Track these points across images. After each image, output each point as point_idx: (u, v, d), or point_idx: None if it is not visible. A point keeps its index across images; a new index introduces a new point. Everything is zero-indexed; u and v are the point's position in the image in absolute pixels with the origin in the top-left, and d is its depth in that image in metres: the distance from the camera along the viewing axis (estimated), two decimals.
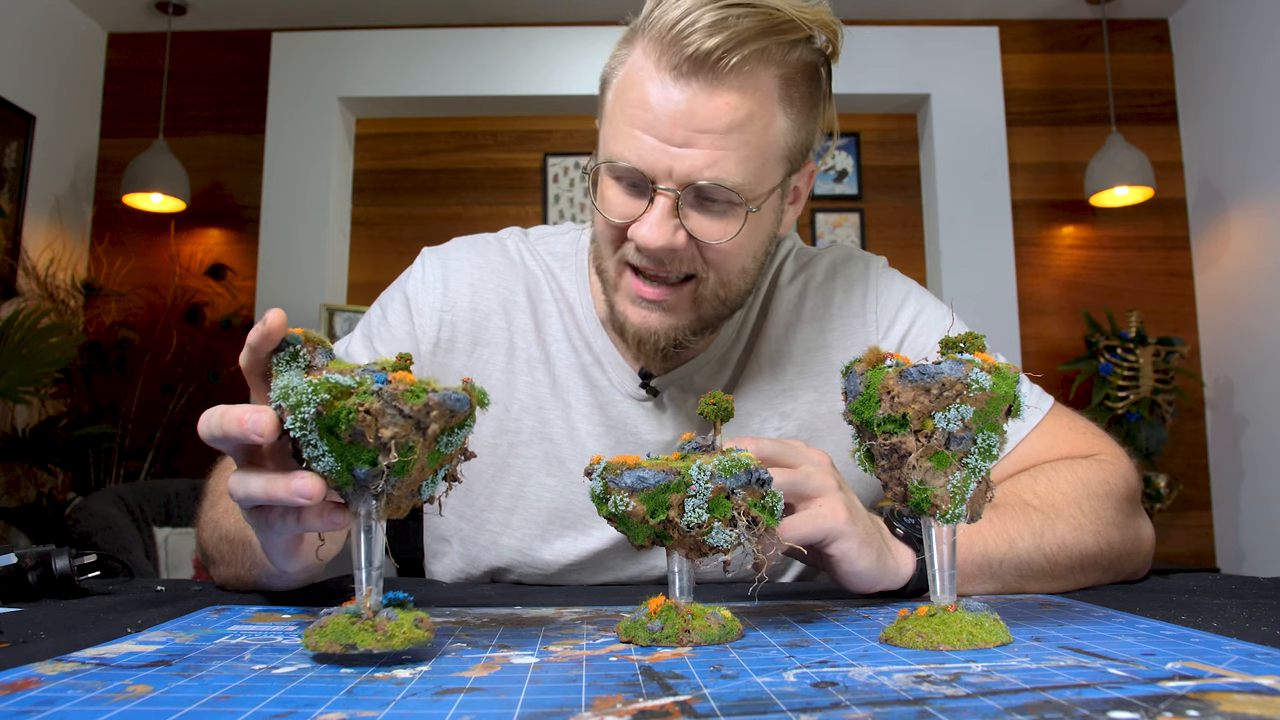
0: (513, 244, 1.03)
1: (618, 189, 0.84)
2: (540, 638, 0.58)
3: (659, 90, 0.79)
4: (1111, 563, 0.86)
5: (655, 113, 0.79)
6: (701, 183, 0.79)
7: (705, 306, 0.88)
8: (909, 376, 0.53)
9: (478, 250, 1.02)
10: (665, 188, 0.80)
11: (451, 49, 3.76)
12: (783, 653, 0.52)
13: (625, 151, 0.81)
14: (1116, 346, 3.46)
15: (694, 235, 0.82)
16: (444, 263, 1.01)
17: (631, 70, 0.82)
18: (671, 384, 0.97)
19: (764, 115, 0.80)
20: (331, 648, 0.49)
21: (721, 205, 0.82)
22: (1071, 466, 0.90)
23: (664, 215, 0.81)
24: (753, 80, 0.79)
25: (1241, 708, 0.36)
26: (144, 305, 3.70)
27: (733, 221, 0.82)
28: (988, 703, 0.39)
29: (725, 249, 0.83)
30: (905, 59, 3.77)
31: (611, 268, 0.89)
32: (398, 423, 0.49)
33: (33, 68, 3.46)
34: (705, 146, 0.79)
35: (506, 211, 3.84)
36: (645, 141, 0.80)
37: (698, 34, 0.76)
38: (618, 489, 0.57)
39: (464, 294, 0.99)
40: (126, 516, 2.30)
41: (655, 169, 0.80)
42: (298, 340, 0.53)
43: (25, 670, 0.47)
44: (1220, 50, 3.57)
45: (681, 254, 0.83)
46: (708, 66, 0.77)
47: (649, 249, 0.82)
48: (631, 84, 0.81)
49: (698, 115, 0.78)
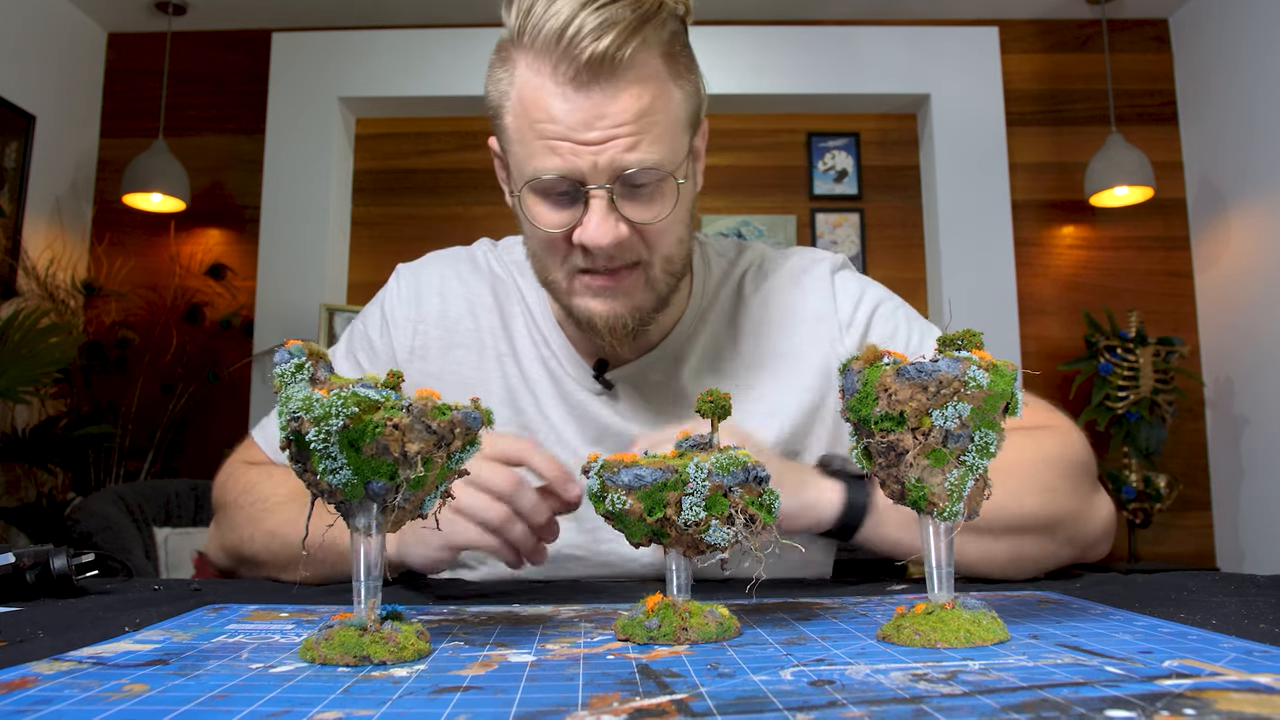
0: (480, 253, 1.11)
1: (547, 204, 0.87)
2: (538, 636, 0.57)
3: (563, 102, 0.82)
4: (1058, 529, 0.86)
5: (567, 122, 0.82)
6: (629, 170, 0.83)
7: (658, 284, 0.92)
8: (906, 374, 0.53)
9: (447, 262, 1.10)
10: (596, 186, 0.83)
11: (451, 49, 3.76)
12: (780, 651, 0.52)
13: (547, 164, 0.83)
14: (1116, 346, 3.46)
15: (633, 223, 0.86)
16: (415, 276, 1.08)
17: (526, 89, 0.84)
18: (625, 379, 1.01)
19: (663, 95, 0.85)
20: (344, 660, 0.49)
21: (649, 188, 0.86)
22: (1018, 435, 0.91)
23: (604, 212, 0.84)
24: (645, 68, 0.83)
25: (1239, 706, 0.36)
26: (144, 305, 3.70)
27: (663, 200, 0.87)
28: (985, 701, 0.39)
29: (662, 227, 0.88)
30: (905, 59, 3.77)
31: (561, 278, 0.91)
32: (423, 438, 0.51)
33: (33, 68, 3.46)
34: (622, 138, 0.82)
35: (506, 212, 3.82)
36: (564, 149, 0.82)
37: (586, 39, 0.79)
38: (615, 487, 0.57)
39: (433, 303, 1.06)
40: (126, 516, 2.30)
41: (581, 171, 0.83)
42: (302, 353, 0.53)
43: (22, 669, 0.47)
44: (1220, 50, 3.56)
45: (626, 243, 0.87)
46: (605, 68, 0.80)
47: (600, 247, 0.85)
48: (532, 102, 0.83)
49: (607, 115, 0.81)
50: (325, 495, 0.52)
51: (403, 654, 0.50)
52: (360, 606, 0.52)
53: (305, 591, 0.82)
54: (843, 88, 3.78)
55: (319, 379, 0.53)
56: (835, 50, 3.79)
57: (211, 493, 1.03)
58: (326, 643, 0.50)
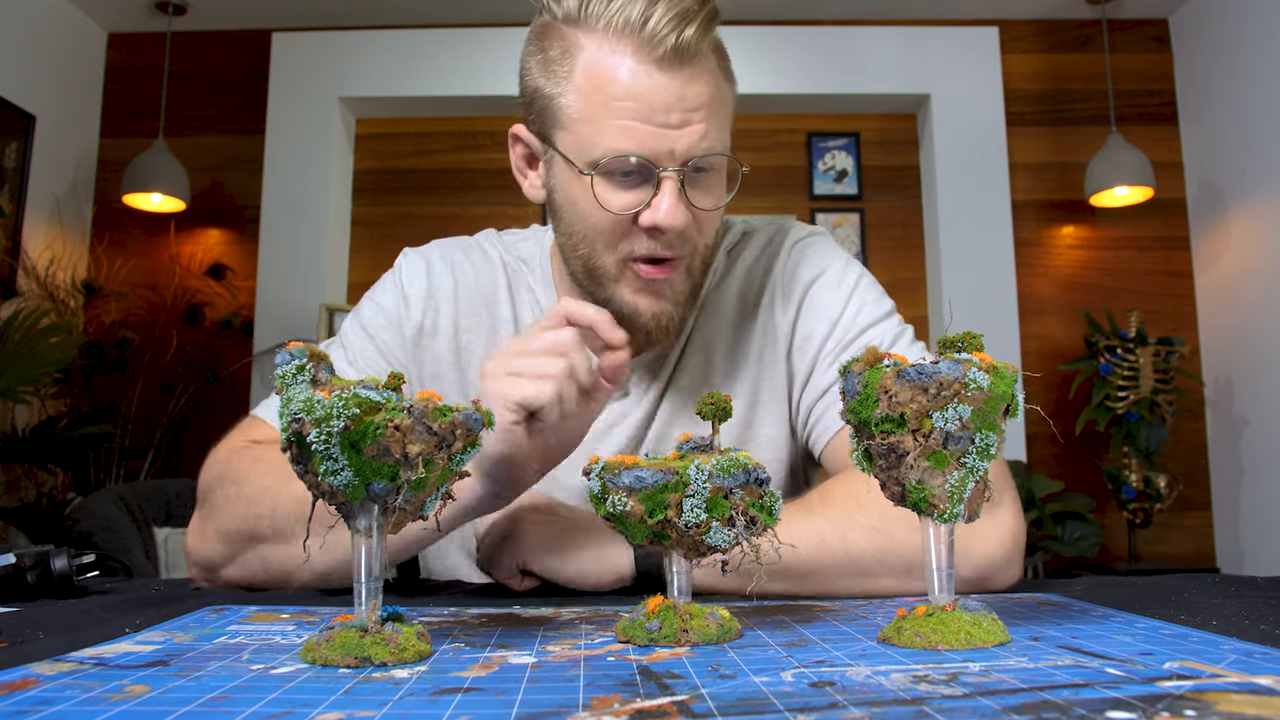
0: (489, 244, 1.09)
1: (615, 185, 0.86)
2: (538, 637, 0.58)
3: (648, 79, 0.83)
4: (871, 568, 0.80)
5: (649, 101, 0.83)
6: (700, 155, 0.84)
7: (695, 274, 0.94)
8: (907, 376, 0.53)
9: (460, 248, 1.08)
10: (669, 169, 0.84)
11: (451, 49, 3.76)
12: (781, 652, 0.52)
13: (624, 144, 0.83)
14: (1116, 346, 3.46)
15: (695, 207, 0.87)
16: (426, 257, 1.06)
17: (600, 66, 0.84)
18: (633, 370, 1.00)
19: (720, 87, 0.88)
20: (345, 661, 0.49)
21: (711, 175, 0.88)
22: None
23: (675, 194, 0.85)
24: (710, 60, 0.86)
25: (1239, 707, 0.36)
26: (144, 305, 3.70)
27: (718, 187, 0.89)
28: (985, 702, 0.39)
29: (713, 216, 0.90)
30: (905, 59, 3.77)
31: (610, 262, 0.90)
32: (425, 439, 0.51)
33: (33, 68, 3.46)
34: (697, 123, 0.84)
35: (506, 211, 3.84)
36: (643, 130, 0.83)
37: (669, 24, 0.81)
38: (615, 489, 0.57)
39: (447, 283, 1.04)
40: (126, 516, 2.30)
41: (658, 154, 0.84)
42: (303, 354, 0.53)
43: (23, 670, 0.47)
44: (1220, 50, 3.56)
45: (687, 231, 0.87)
46: (687, 55, 0.83)
47: (672, 229, 0.85)
48: (609, 80, 0.83)
49: (687, 98, 0.83)
50: (326, 497, 0.52)
51: (403, 655, 0.50)
52: (361, 608, 0.52)
53: (305, 591, 0.82)
54: (843, 88, 3.78)
55: (320, 380, 0.53)
56: (835, 50, 3.79)
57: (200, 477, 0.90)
58: (327, 644, 0.50)
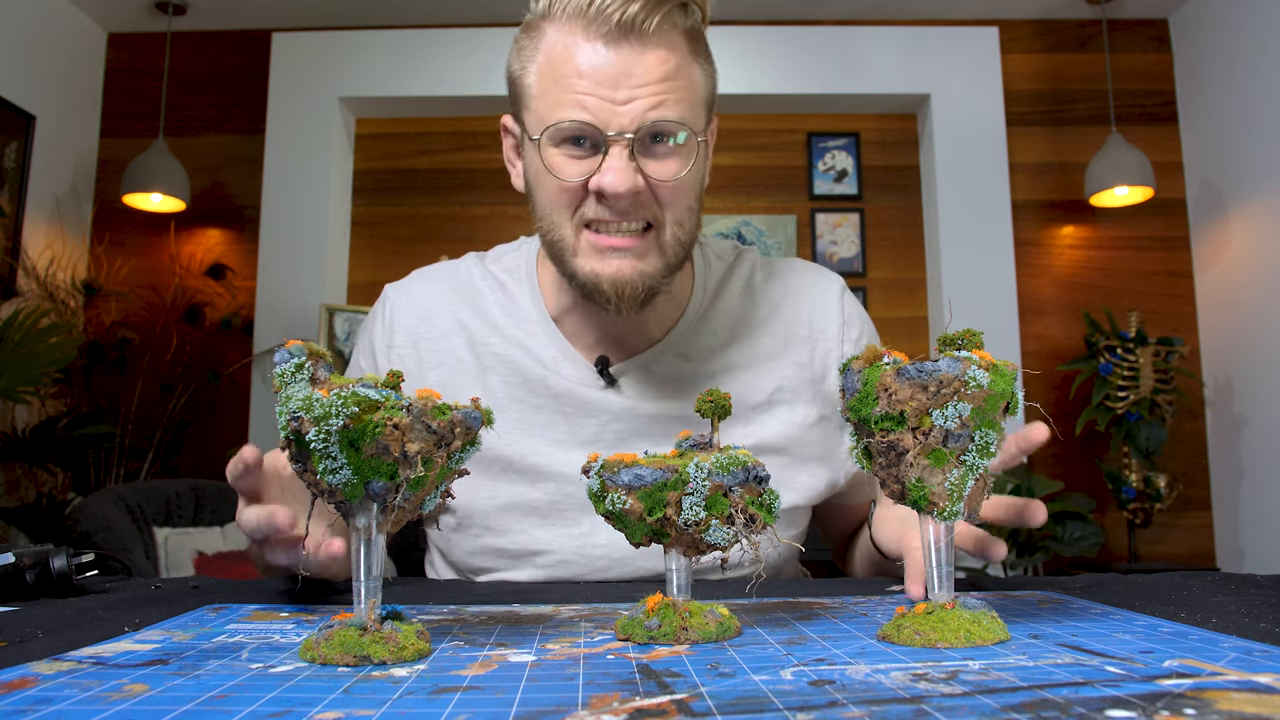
0: (464, 268, 1.10)
1: (565, 153, 0.89)
2: (538, 635, 0.57)
3: (593, 56, 0.85)
4: None
5: (595, 75, 0.85)
6: (651, 119, 0.86)
7: (668, 250, 0.93)
8: (906, 374, 0.53)
9: (431, 279, 1.09)
10: (617, 134, 0.86)
11: (451, 49, 3.76)
12: (780, 650, 0.52)
13: (570, 113, 0.86)
14: (1116, 346, 3.46)
15: (650, 177, 0.88)
16: (402, 295, 1.08)
17: (555, 48, 0.88)
18: (627, 373, 1.01)
19: (686, 66, 0.89)
20: (344, 660, 0.49)
21: (667, 147, 0.89)
22: None
23: (623, 160, 0.86)
24: (670, 38, 0.87)
25: (1239, 706, 0.36)
26: (144, 305, 3.70)
27: (680, 159, 0.90)
28: (985, 701, 0.39)
29: (677, 187, 0.90)
30: (905, 59, 3.77)
31: (569, 232, 0.92)
32: (423, 438, 0.51)
33: (33, 68, 3.46)
34: (646, 95, 0.86)
35: (506, 211, 3.84)
36: (590, 100, 0.85)
37: (615, 4, 0.84)
38: (615, 487, 0.57)
39: (414, 325, 1.05)
40: (126, 516, 2.30)
41: (604, 121, 0.86)
42: (302, 353, 0.53)
43: (22, 669, 0.47)
44: (1220, 50, 3.56)
45: (641, 198, 0.89)
46: (635, 30, 0.85)
47: (616, 192, 0.86)
48: (561, 59, 0.87)
49: (634, 72, 0.85)
50: (325, 495, 0.52)
51: (403, 654, 0.50)
52: (360, 606, 0.52)
53: (306, 592, 0.82)
54: (843, 88, 3.78)
55: (319, 379, 0.53)
56: (835, 50, 3.79)
57: None
58: (326, 642, 0.50)
